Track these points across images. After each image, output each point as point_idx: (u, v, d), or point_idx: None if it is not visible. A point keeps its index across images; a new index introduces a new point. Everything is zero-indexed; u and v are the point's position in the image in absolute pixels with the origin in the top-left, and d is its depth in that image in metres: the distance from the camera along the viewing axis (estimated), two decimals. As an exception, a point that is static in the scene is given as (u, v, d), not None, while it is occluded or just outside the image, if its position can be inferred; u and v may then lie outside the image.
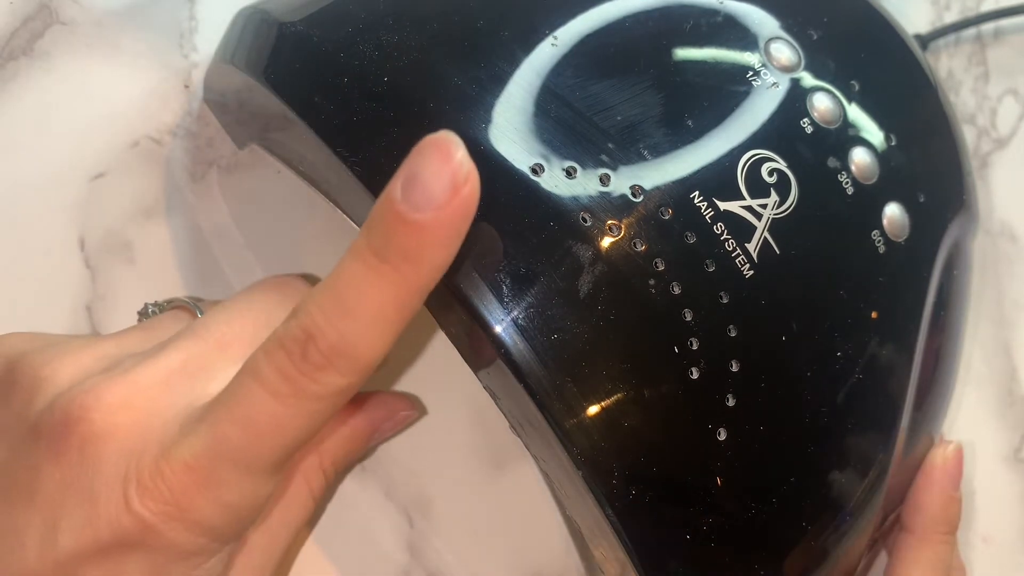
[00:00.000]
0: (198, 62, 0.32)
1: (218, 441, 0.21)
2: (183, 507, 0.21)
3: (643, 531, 0.24)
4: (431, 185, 0.20)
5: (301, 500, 0.28)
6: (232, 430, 0.21)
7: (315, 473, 0.28)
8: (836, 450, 0.27)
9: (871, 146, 0.28)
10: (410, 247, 0.20)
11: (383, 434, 0.31)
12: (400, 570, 0.32)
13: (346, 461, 0.30)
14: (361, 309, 0.20)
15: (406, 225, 0.20)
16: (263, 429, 0.21)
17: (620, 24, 0.26)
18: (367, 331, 0.21)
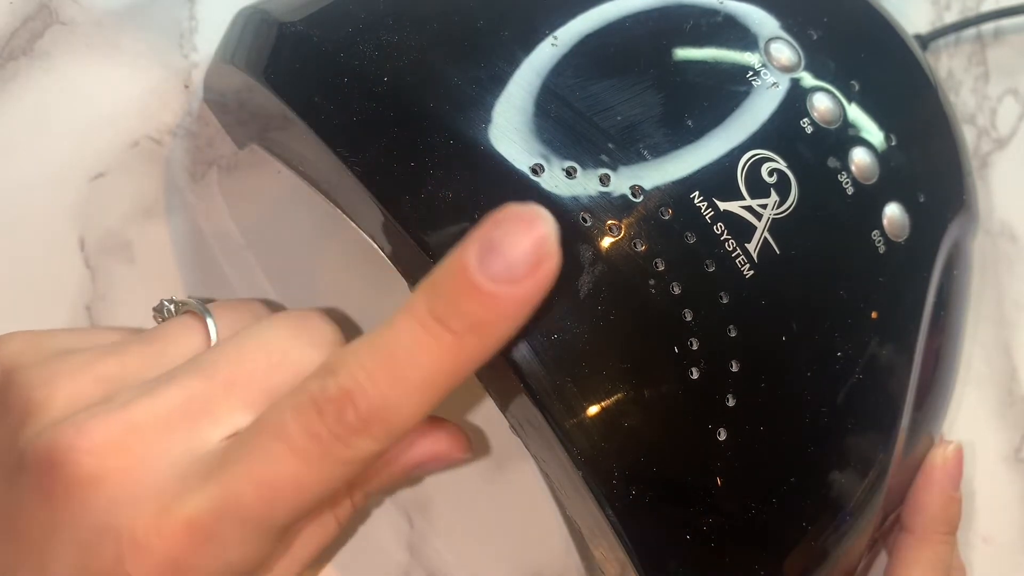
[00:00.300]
0: (198, 62, 0.32)
1: (229, 499, 0.20)
2: (179, 569, 0.20)
3: (643, 531, 0.24)
4: (513, 257, 0.19)
5: (324, 528, 0.26)
6: (246, 489, 0.20)
7: (343, 502, 0.27)
8: (836, 450, 0.27)
9: (871, 146, 0.28)
10: (479, 318, 0.19)
11: (426, 470, 0.28)
12: (400, 570, 0.32)
13: (381, 489, 0.28)
14: (411, 375, 0.19)
15: (480, 295, 0.19)
16: (282, 491, 0.20)
17: (620, 24, 0.26)
18: (411, 398, 0.19)
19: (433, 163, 0.23)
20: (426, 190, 0.23)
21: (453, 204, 0.23)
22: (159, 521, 0.20)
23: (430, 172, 0.23)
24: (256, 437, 0.20)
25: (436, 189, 0.23)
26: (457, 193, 0.23)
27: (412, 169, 0.23)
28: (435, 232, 0.23)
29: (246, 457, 0.20)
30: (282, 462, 0.20)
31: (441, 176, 0.23)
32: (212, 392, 0.22)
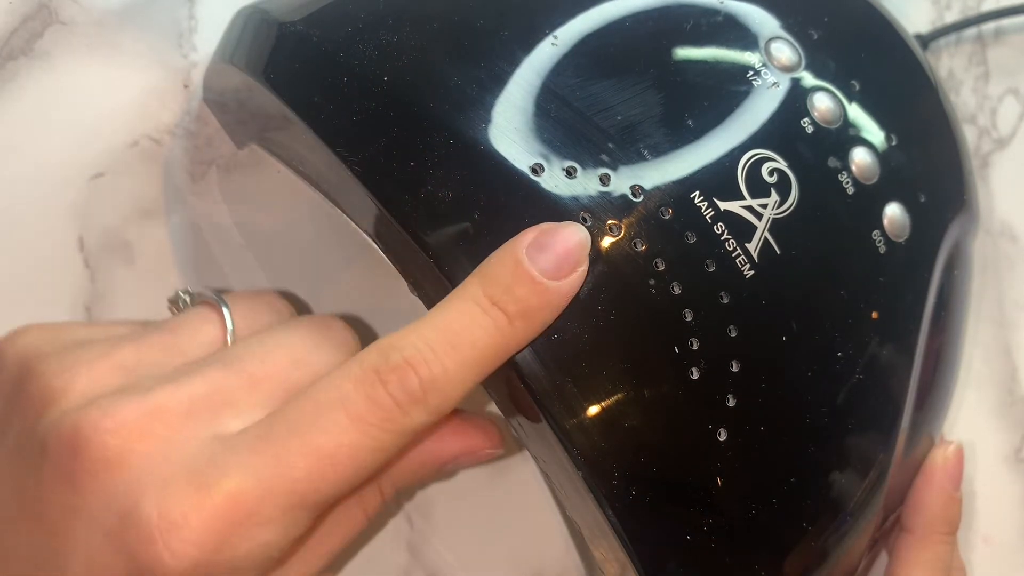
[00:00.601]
0: (198, 62, 0.32)
1: (280, 471, 0.20)
2: (214, 548, 0.20)
3: (643, 531, 0.24)
4: (559, 255, 0.22)
5: (352, 520, 0.26)
6: (300, 461, 0.20)
7: (372, 494, 0.26)
8: (836, 450, 0.27)
9: (871, 146, 0.28)
10: (530, 304, 0.22)
11: (460, 465, 0.28)
12: (400, 570, 0.32)
13: (411, 483, 0.28)
14: (468, 347, 0.21)
15: (533, 283, 0.22)
16: (337, 460, 0.20)
17: (620, 24, 0.26)
18: (466, 372, 0.21)
19: (433, 163, 0.23)
20: (426, 190, 0.23)
21: (453, 204, 0.23)
22: (198, 498, 0.20)
23: (430, 172, 0.23)
24: (312, 408, 0.21)
25: (436, 189, 0.23)
26: (457, 193, 0.23)
27: (412, 169, 0.23)
28: (435, 232, 0.23)
29: (303, 428, 0.20)
30: (342, 431, 0.20)
31: (441, 176, 0.23)
32: (236, 385, 0.22)
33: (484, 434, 0.27)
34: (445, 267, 0.23)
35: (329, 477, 0.20)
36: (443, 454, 0.27)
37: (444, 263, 0.23)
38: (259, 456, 0.20)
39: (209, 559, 0.20)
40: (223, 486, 0.20)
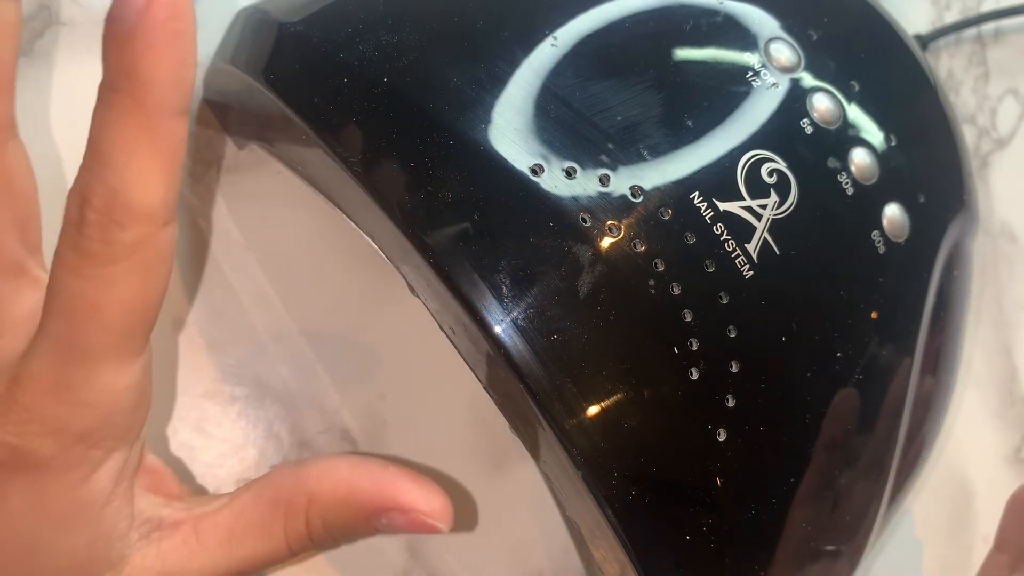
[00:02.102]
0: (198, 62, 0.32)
1: (51, 343, 0.21)
2: (43, 419, 0.21)
3: (643, 531, 0.24)
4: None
5: (269, 534, 0.25)
6: (57, 326, 0.20)
7: (296, 514, 0.25)
8: (836, 449, 0.27)
9: (871, 146, 0.28)
10: (126, 64, 0.19)
11: (391, 523, 0.25)
12: (400, 570, 0.32)
13: (339, 525, 0.25)
14: (112, 150, 0.19)
15: (117, 44, 0.19)
16: (79, 313, 0.20)
17: (620, 24, 0.26)
18: (128, 171, 0.19)
19: (433, 164, 0.23)
20: (426, 190, 0.23)
21: (453, 204, 0.23)
22: (12, 389, 0.21)
23: (430, 172, 0.23)
24: (49, 281, 0.21)
25: (436, 189, 0.23)
26: (457, 193, 0.23)
27: (412, 169, 0.23)
28: (435, 232, 0.23)
29: (47, 298, 0.21)
30: (68, 286, 0.20)
31: (441, 176, 0.23)
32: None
33: (425, 498, 0.25)
34: (445, 267, 0.23)
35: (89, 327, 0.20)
36: (370, 498, 0.25)
37: (444, 263, 0.23)
38: (38, 336, 0.21)
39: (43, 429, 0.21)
40: (26, 371, 0.21)
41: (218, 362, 0.31)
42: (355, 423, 0.32)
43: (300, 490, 0.25)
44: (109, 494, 0.22)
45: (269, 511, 0.25)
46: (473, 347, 0.24)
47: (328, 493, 0.25)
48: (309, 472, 0.25)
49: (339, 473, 0.25)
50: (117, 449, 0.22)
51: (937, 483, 0.37)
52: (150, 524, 0.23)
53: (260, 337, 0.32)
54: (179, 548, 0.23)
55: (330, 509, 0.25)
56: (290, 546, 0.25)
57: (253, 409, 0.31)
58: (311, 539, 0.25)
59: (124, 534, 0.23)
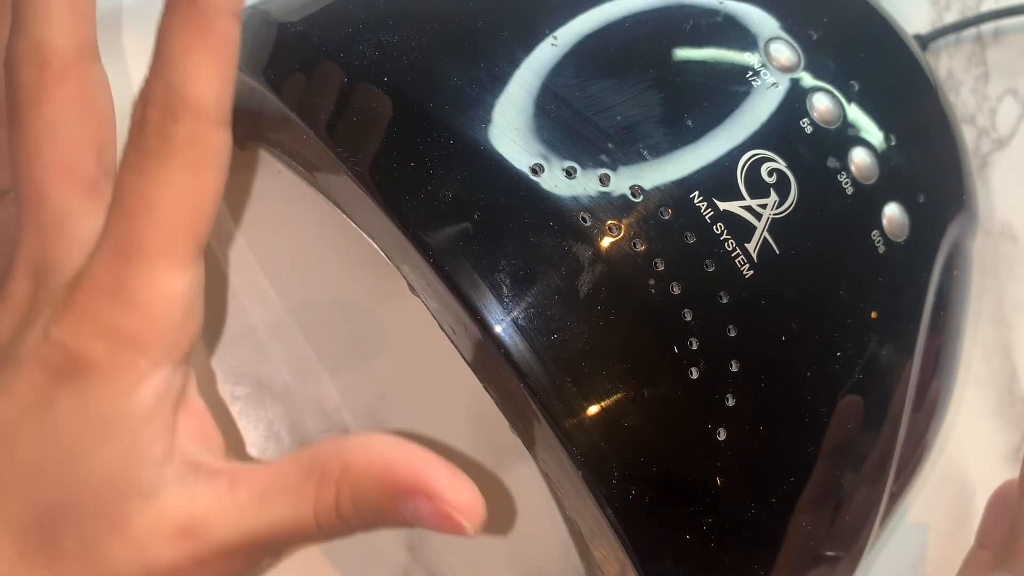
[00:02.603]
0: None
1: (109, 243, 0.21)
2: (97, 319, 0.21)
3: (643, 531, 0.24)
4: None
5: (298, 498, 0.24)
6: (114, 224, 0.21)
7: (328, 482, 0.23)
8: (836, 449, 0.27)
9: (871, 146, 0.28)
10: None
11: (419, 513, 0.23)
12: (400, 570, 0.32)
13: (367, 502, 0.24)
14: (172, 51, 0.21)
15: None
16: (135, 209, 0.21)
17: (620, 24, 0.26)
18: (186, 69, 0.21)
19: (433, 163, 0.23)
20: (426, 190, 0.23)
21: (453, 204, 0.23)
22: (72, 292, 0.21)
23: (430, 172, 0.23)
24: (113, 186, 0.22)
25: (436, 189, 0.23)
26: (457, 193, 0.23)
27: (412, 169, 0.23)
28: (435, 232, 0.23)
29: (111, 203, 0.22)
30: (128, 184, 0.21)
31: (441, 176, 0.23)
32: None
33: (455, 489, 0.23)
34: (445, 267, 0.23)
35: (144, 224, 0.21)
36: (402, 478, 0.23)
37: (444, 263, 0.23)
38: (100, 237, 0.22)
39: (96, 330, 0.21)
40: (87, 273, 0.21)
41: (218, 362, 0.31)
42: (355, 423, 0.32)
43: (337, 457, 0.23)
44: (150, 411, 0.22)
45: (304, 475, 0.24)
46: (473, 347, 0.24)
47: (363, 464, 0.23)
48: (350, 442, 0.24)
49: (378, 447, 0.24)
50: (163, 365, 0.22)
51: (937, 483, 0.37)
52: (188, 466, 0.23)
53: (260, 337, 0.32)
54: (212, 497, 0.23)
55: (362, 482, 0.23)
56: (317, 518, 0.23)
57: (253, 409, 0.31)
58: (338, 514, 0.23)
59: (160, 462, 0.22)
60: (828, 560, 0.27)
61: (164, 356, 0.22)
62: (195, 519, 0.22)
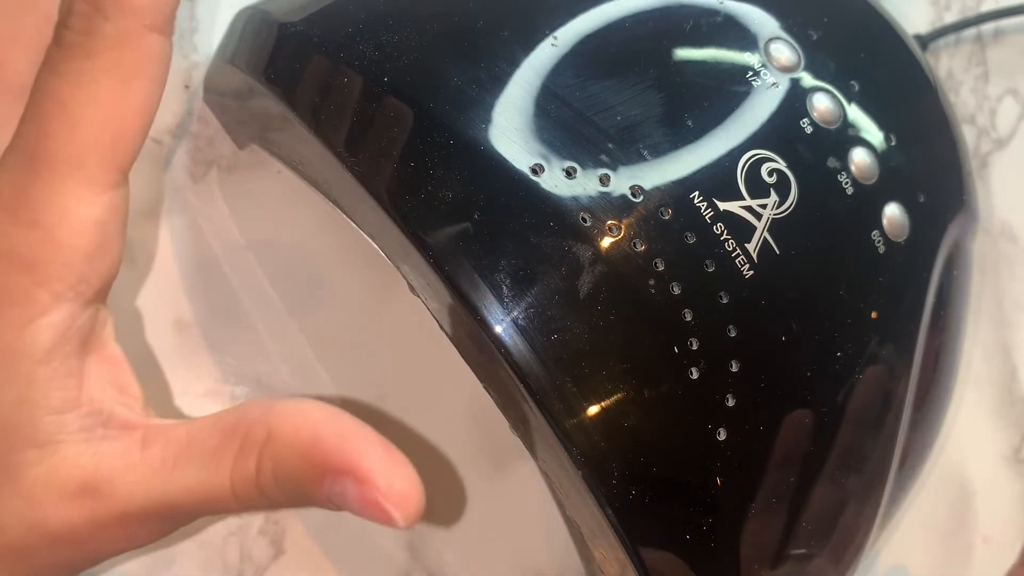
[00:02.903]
0: (198, 62, 0.32)
1: (17, 152, 0.19)
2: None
3: (643, 531, 0.24)
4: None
5: (214, 462, 0.21)
6: (26, 130, 0.19)
7: (250, 448, 0.21)
8: (836, 450, 0.27)
9: (871, 146, 0.28)
10: None
11: (344, 497, 0.20)
12: (400, 570, 0.32)
13: (290, 477, 0.21)
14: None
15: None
16: (49, 114, 0.19)
17: (620, 24, 0.26)
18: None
19: (433, 163, 0.23)
20: (426, 190, 0.23)
21: (453, 204, 0.23)
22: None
23: (430, 172, 0.23)
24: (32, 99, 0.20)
25: (436, 189, 0.23)
26: (457, 193, 0.23)
27: (412, 169, 0.23)
28: (435, 232, 0.23)
29: (26, 106, 0.20)
30: (44, 85, 0.19)
31: (441, 176, 0.23)
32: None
33: (387, 475, 0.20)
34: (445, 268, 0.23)
35: (54, 130, 0.19)
36: (330, 455, 0.20)
37: (444, 263, 0.23)
38: (7, 152, 0.20)
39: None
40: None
41: (218, 362, 0.31)
42: (355, 423, 0.32)
43: (262, 423, 0.21)
44: (47, 351, 0.20)
45: (225, 438, 0.21)
46: (473, 346, 0.24)
47: (289, 434, 0.20)
48: (278, 407, 0.21)
49: (309, 416, 0.21)
50: (66, 300, 0.20)
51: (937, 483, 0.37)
52: (98, 417, 0.20)
53: (260, 337, 0.32)
54: (119, 454, 0.20)
55: (286, 454, 0.21)
56: (234, 488, 0.21)
57: (253, 409, 0.31)
58: (258, 486, 0.21)
59: (59, 410, 0.20)
60: (828, 559, 0.27)
61: (67, 290, 0.20)
62: (97, 477, 0.20)
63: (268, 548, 0.31)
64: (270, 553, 0.31)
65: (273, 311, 0.32)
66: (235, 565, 0.31)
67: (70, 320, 0.20)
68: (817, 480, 0.26)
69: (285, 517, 0.31)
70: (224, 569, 0.31)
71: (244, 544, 0.31)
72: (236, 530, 0.31)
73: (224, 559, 0.31)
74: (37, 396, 0.20)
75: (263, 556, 0.31)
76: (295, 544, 0.31)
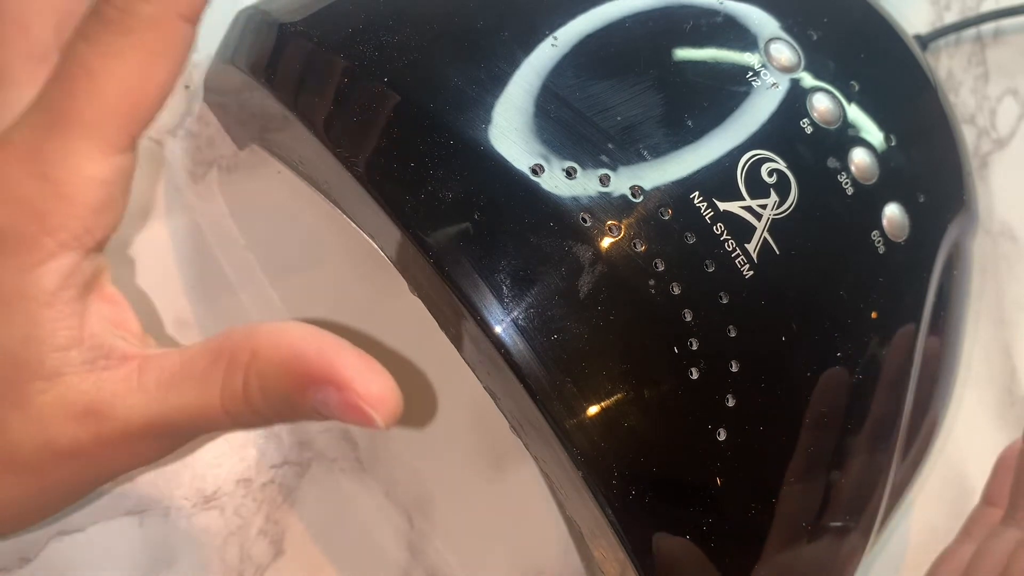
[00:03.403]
0: (198, 62, 0.32)
1: (40, 107, 0.21)
2: (5, 185, 0.21)
3: (643, 531, 0.24)
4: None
5: (204, 383, 0.23)
6: (51, 90, 0.21)
7: (236, 368, 0.22)
8: (835, 450, 0.27)
9: (871, 146, 0.28)
10: None
11: (327, 405, 0.22)
12: (400, 570, 0.32)
13: (275, 391, 0.22)
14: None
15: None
16: (76, 78, 0.21)
17: (620, 24, 0.26)
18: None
19: (433, 163, 0.23)
20: (426, 190, 0.23)
21: (453, 204, 0.23)
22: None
23: (430, 172, 0.23)
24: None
25: (436, 189, 0.23)
26: (457, 193, 0.23)
27: (412, 169, 0.23)
28: (435, 232, 0.23)
29: (55, 67, 0.21)
30: (76, 52, 0.21)
31: (441, 176, 0.23)
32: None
33: (365, 378, 0.22)
34: (445, 268, 0.23)
35: (78, 94, 0.21)
36: (310, 366, 0.22)
37: (444, 264, 0.23)
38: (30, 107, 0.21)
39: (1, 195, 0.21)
40: (9, 136, 0.21)
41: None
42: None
43: (245, 344, 0.22)
44: (52, 294, 0.21)
45: (212, 362, 0.23)
46: (473, 347, 0.24)
47: (271, 350, 0.22)
48: (261, 328, 0.23)
49: (287, 335, 0.22)
50: (71, 248, 0.21)
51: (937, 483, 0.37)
52: (99, 351, 0.22)
53: (260, 337, 0.32)
54: (118, 382, 0.22)
55: (270, 369, 0.22)
56: (224, 404, 0.22)
57: (253, 409, 0.31)
58: (246, 401, 0.22)
59: (63, 347, 0.22)
60: (828, 559, 0.27)
61: (73, 239, 0.21)
62: (99, 402, 0.22)
63: (268, 548, 0.31)
64: (270, 553, 0.31)
65: (273, 311, 0.32)
66: (235, 565, 0.31)
67: (73, 266, 0.21)
68: (817, 480, 0.26)
69: (285, 517, 0.31)
70: (224, 569, 0.31)
71: (244, 544, 0.31)
72: (236, 530, 0.31)
73: (224, 559, 0.31)
74: (43, 334, 0.21)
75: (263, 556, 0.31)
76: (295, 544, 0.31)
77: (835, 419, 0.26)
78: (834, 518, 0.27)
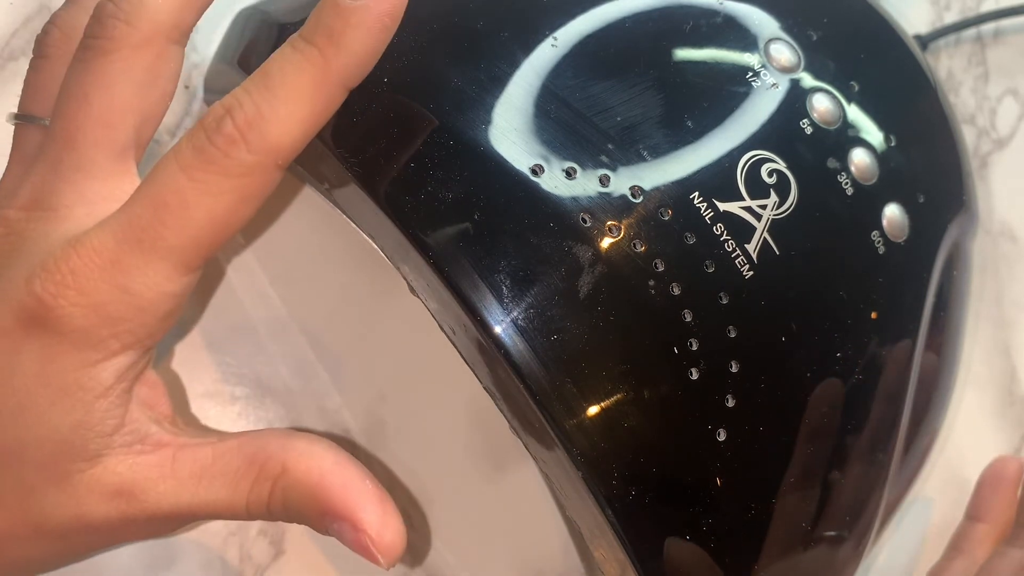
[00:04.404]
0: (198, 62, 0.32)
1: (127, 222, 0.22)
2: (84, 289, 0.22)
3: (643, 531, 0.24)
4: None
5: (234, 484, 0.24)
6: (142, 209, 0.22)
7: (265, 479, 0.24)
8: (836, 450, 0.27)
9: (871, 147, 0.28)
10: (335, 28, 0.22)
11: (341, 535, 0.24)
12: (400, 570, 0.32)
13: (297, 508, 0.24)
14: (280, 85, 0.22)
15: (335, 8, 0.22)
16: (169, 207, 0.22)
17: (620, 25, 0.26)
18: (283, 107, 0.22)
19: (433, 164, 0.23)
20: (426, 191, 0.23)
21: (453, 205, 0.23)
22: (68, 251, 0.22)
23: (430, 172, 0.23)
24: (157, 164, 0.22)
25: (436, 190, 0.23)
26: (457, 194, 0.23)
27: (412, 169, 0.23)
28: (435, 233, 0.23)
29: (145, 180, 0.22)
30: (171, 177, 0.22)
31: (441, 177, 0.23)
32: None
33: (379, 527, 0.24)
34: (445, 268, 0.23)
35: (170, 222, 0.22)
36: (333, 500, 0.24)
37: (444, 264, 0.23)
38: (118, 211, 0.22)
39: (79, 298, 0.22)
40: (89, 240, 0.22)
41: (218, 362, 0.31)
42: (355, 423, 0.32)
43: (279, 458, 0.24)
44: (108, 388, 0.23)
45: (245, 465, 0.24)
46: (473, 347, 0.24)
47: (302, 473, 0.24)
48: (295, 445, 0.25)
49: (320, 461, 0.24)
50: (132, 349, 0.23)
51: (937, 483, 0.37)
52: (136, 435, 0.24)
53: (260, 337, 0.32)
54: (153, 467, 0.24)
55: (296, 490, 0.24)
56: (248, 507, 0.24)
57: (253, 409, 0.32)
58: (268, 509, 0.24)
59: (108, 433, 0.23)
60: (829, 559, 0.27)
61: (137, 342, 0.23)
62: (133, 484, 0.23)
63: (268, 548, 0.31)
64: (270, 553, 0.31)
65: (273, 311, 0.32)
66: (235, 565, 0.31)
67: (130, 364, 0.23)
68: (817, 480, 0.26)
69: (285, 517, 0.31)
70: (224, 569, 0.31)
71: (244, 544, 0.31)
72: (236, 530, 0.31)
73: (224, 559, 0.31)
74: (93, 422, 0.23)
75: (263, 556, 0.31)
76: (295, 544, 0.31)
77: (835, 419, 0.26)
78: (834, 518, 0.27)
